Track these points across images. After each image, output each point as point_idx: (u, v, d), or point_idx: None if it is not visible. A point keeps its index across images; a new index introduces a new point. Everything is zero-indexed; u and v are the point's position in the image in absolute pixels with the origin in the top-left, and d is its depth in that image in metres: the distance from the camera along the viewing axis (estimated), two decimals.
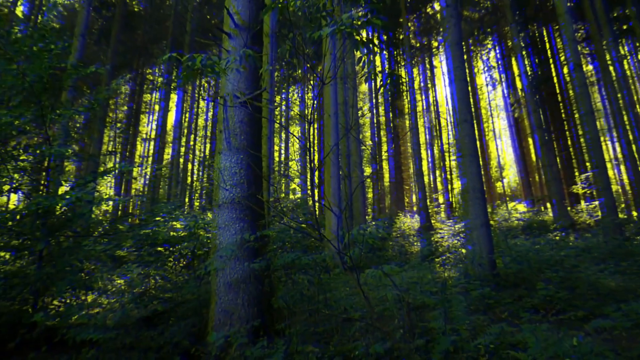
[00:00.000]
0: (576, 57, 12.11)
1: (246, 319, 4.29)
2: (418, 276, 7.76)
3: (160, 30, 27.53)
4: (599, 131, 11.91)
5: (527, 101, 17.66)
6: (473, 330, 4.37)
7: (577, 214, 17.94)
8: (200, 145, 34.66)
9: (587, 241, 10.38)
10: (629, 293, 6.10)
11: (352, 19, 3.13)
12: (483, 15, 29.89)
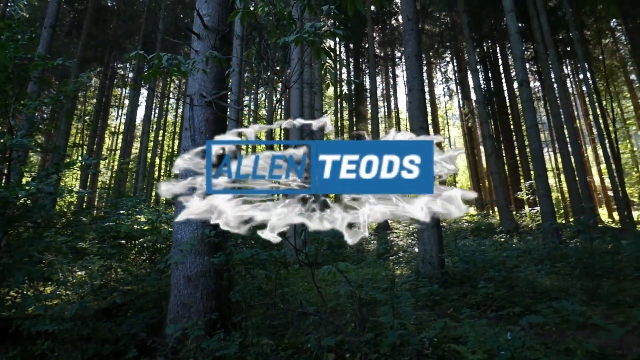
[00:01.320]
0: (523, 74, 12.84)
1: (204, 312, 4.41)
2: (372, 273, 8.08)
3: (133, 26, 27.04)
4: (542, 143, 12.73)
5: (479, 113, 18.50)
6: (419, 325, 4.66)
7: (521, 218, 18.95)
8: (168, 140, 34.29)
9: (528, 244, 11.03)
10: (561, 292, 6.61)
11: (314, 29, 3.31)
12: (442, 31, 31.19)
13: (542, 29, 17.62)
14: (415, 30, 8.81)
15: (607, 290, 6.66)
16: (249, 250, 4.67)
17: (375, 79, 21.10)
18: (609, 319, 5.16)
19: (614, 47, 30.59)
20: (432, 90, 37.46)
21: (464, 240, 12.35)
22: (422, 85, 8.58)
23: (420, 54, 8.79)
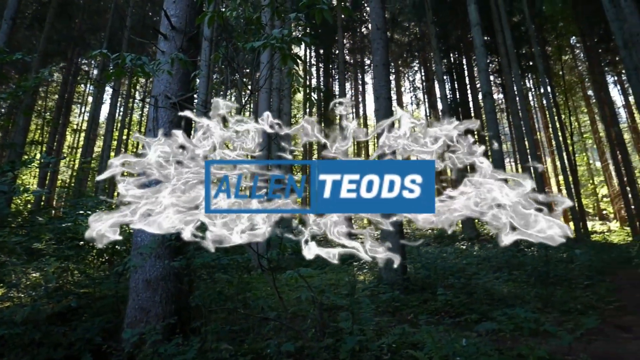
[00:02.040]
0: (487, 86, 13.24)
1: (163, 317, 4.33)
2: (336, 279, 8.12)
3: (99, 21, 26.23)
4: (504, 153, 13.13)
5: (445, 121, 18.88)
6: (379, 331, 4.72)
7: (483, 226, 19.41)
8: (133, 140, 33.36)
9: (487, 251, 11.32)
10: (517, 299, 6.83)
11: (282, 35, 3.33)
12: (411, 40, 31.82)
13: (506, 43, 18.19)
14: (384, 39, 8.95)
15: (559, 298, 6.92)
16: (210, 254, 4.62)
17: (344, 85, 21.29)
18: (560, 326, 5.37)
19: (573, 64, 31.90)
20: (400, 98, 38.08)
21: (427, 247, 12.56)
22: (390, 94, 8.71)
23: (388, 63, 8.93)
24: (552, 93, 25.67)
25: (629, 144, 34.02)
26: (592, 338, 5.31)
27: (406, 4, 28.34)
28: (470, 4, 14.12)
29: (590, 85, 28.83)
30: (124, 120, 29.18)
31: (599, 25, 22.65)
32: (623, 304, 7.16)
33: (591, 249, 13.12)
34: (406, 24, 30.70)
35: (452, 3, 24.92)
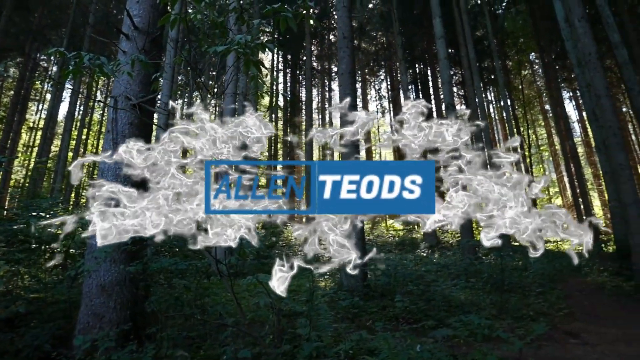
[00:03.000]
0: (450, 97, 13.58)
1: (117, 323, 4.22)
2: (297, 285, 8.10)
3: (60, 16, 25.21)
4: None
5: None
6: (337, 337, 4.75)
7: (443, 234, 19.86)
8: (93, 140, 32.22)
9: (447, 259, 11.57)
10: (473, 306, 7.01)
11: (245, 41, 3.33)
12: (378, 50, 32.31)
13: (469, 56, 18.73)
14: (350, 48, 9.05)
15: (513, 305, 7.15)
16: (167, 259, 4.53)
17: (311, 91, 21.37)
18: (512, 332, 5.55)
19: (532, 79, 33.16)
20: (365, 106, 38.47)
21: (389, 254, 12.72)
22: (355, 102, 8.81)
23: (354, 71, 9.04)
24: (512, 106, 26.61)
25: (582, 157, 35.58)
26: (543, 344, 5.51)
27: (374, 14, 28.81)
28: (435, 17, 14.47)
29: (547, 100, 30.02)
30: (83, 119, 28.24)
31: (556, 43, 23.64)
32: (572, 311, 7.47)
33: (545, 257, 13.60)
34: (373, 33, 31.19)
35: (418, 15, 25.50)
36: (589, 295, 8.99)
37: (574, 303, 8.22)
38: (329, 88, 34.61)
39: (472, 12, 25.17)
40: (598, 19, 14.94)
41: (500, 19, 27.46)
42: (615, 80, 25.28)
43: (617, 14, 19.23)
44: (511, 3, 27.46)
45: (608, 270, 10.85)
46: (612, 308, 7.93)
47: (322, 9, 28.28)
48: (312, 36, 28.18)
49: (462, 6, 19.01)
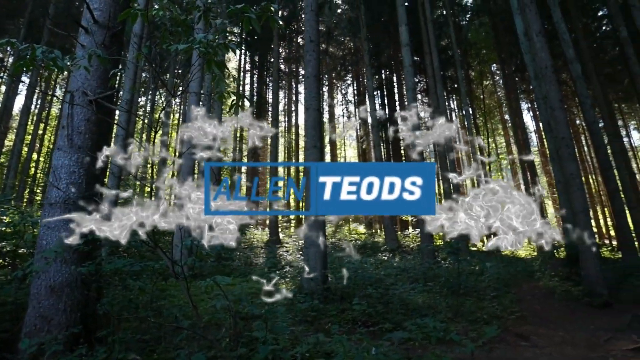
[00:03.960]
0: (414, 104, 13.82)
1: (66, 325, 4.07)
2: (257, 287, 8.04)
3: (18, 6, 24.08)
4: None
5: (373, 136, 19.48)
6: (295, 340, 4.75)
7: (405, 238, 20.19)
8: (50, 135, 30.87)
9: (407, 263, 11.76)
10: (430, 309, 7.15)
11: (207, 40, 3.29)
12: (345, 55, 32.59)
13: (433, 65, 19.15)
14: (317, 52, 9.10)
15: (469, 308, 7.34)
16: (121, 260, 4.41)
17: (277, 93, 21.32)
18: (466, 335, 5.70)
19: (493, 89, 34.23)
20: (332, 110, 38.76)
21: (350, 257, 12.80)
22: (319, 106, 8.86)
23: (319, 75, 9.09)
24: (473, 115, 27.40)
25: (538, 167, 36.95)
26: (495, 346, 5.69)
27: (342, 19, 29.05)
28: (401, 25, 14.73)
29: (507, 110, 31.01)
30: (40, 113, 27.16)
31: (516, 56, 24.52)
32: (524, 314, 7.74)
33: (500, 262, 14.04)
34: (341, 38, 31.45)
35: (386, 22, 25.88)
36: (540, 299, 9.34)
37: (526, 307, 8.52)
38: (296, 90, 34.63)
39: (437, 21, 25.77)
40: (555, 34, 15.61)
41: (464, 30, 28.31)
42: (570, 94, 26.43)
43: (572, 31, 20.13)
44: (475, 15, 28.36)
45: (559, 275, 11.30)
46: (561, 312, 8.26)
47: (290, 11, 28.29)
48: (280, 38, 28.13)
49: (428, 15, 19.43)
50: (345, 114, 37.82)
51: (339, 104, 39.44)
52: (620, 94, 26.17)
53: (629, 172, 20.90)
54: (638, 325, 6.78)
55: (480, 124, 28.66)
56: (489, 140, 28.92)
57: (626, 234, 13.93)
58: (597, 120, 15.31)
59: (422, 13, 20.59)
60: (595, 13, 23.92)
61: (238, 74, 29.90)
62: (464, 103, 21.23)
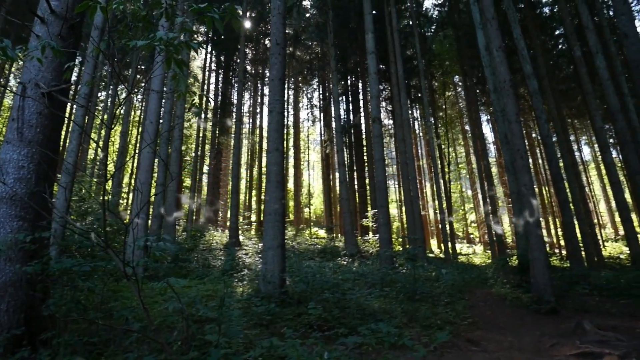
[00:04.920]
0: (377, 111, 14.03)
1: (7, 327, 3.89)
2: (213, 290, 7.93)
3: None
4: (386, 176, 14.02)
5: (337, 141, 19.62)
6: (249, 344, 4.70)
7: (364, 243, 20.39)
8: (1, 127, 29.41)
9: (365, 268, 11.87)
10: (386, 314, 7.24)
11: (166, 37, 3.24)
12: (312, 59, 32.74)
13: (397, 73, 19.48)
14: (282, 55, 9.09)
15: (423, 314, 7.47)
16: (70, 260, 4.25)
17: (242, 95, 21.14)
18: (418, 340, 5.81)
19: (454, 100, 35.18)
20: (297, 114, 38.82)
21: (310, 261, 12.82)
22: (283, 109, 8.85)
23: (284, 78, 9.07)
24: (435, 124, 28.02)
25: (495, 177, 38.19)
26: (446, 351, 5.81)
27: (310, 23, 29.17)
28: (368, 33, 14.93)
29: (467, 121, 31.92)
30: None
31: (478, 69, 25.30)
32: (476, 320, 7.96)
33: (456, 269, 14.41)
34: (309, 42, 31.56)
35: (353, 29, 26.18)
36: (492, 305, 9.61)
37: (478, 313, 8.75)
38: (261, 92, 34.49)
39: (403, 31, 26.29)
40: (515, 50, 16.20)
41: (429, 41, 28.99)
42: (527, 108, 27.46)
43: (531, 47, 20.96)
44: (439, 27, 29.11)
45: (510, 283, 11.67)
46: (511, 318, 8.53)
47: (259, 12, 28.20)
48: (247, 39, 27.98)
49: (394, 25, 19.77)
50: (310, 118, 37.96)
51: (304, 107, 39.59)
52: (574, 110, 27.40)
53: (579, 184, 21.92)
54: (581, 331, 7.08)
55: (442, 134, 29.33)
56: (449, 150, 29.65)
57: (574, 244, 14.56)
58: (551, 134, 15.96)
59: (389, 22, 20.94)
60: (553, 32, 25.01)
61: (203, 73, 29.49)
62: (427, 112, 21.71)
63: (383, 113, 31.07)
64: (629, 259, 19.26)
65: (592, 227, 20.37)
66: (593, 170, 44.48)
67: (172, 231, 14.95)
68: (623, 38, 8.77)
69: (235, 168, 19.09)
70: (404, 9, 26.57)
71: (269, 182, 8.28)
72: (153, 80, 11.56)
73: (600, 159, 27.82)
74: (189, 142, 31.06)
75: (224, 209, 34.98)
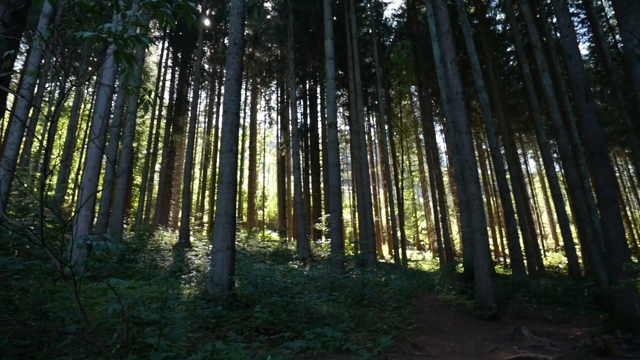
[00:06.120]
0: (333, 117, 14.14)
1: None
2: (160, 291, 7.69)
3: None
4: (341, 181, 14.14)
5: (293, 144, 19.59)
6: (192, 347, 4.59)
7: (317, 247, 20.45)
8: None
9: (316, 272, 11.88)
10: (333, 318, 7.27)
11: (115, 30, 3.12)
12: (272, 61, 32.62)
13: (355, 80, 19.71)
14: (240, 55, 9.00)
15: (370, 318, 7.56)
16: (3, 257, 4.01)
17: (198, 93, 20.74)
18: (363, 344, 5.88)
19: (410, 109, 35.99)
20: (254, 115, 38.52)
21: (261, 264, 12.71)
22: (238, 109, 8.75)
23: (241, 79, 8.98)
24: (390, 132, 28.54)
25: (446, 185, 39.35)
26: (391, 355, 5.90)
27: (271, 25, 29.07)
28: (327, 38, 15.03)
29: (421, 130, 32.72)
30: None
31: (433, 80, 26.02)
32: (421, 325, 8.13)
33: (405, 274, 14.69)
34: (269, 44, 31.43)
35: (313, 34, 26.30)
36: (437, 311, 9.86)
37: (424, 318, 8.95)
38: (218, 92, 33.97)
39: (362, 39, 26.66)
40: (469, 64, 16.77)
41: (388, 50, 29.54)
42: (478, 120, 28.47)
43: (484, 62, 21.76)
44: (398, 37, 29.74)
45: (456, 289, 12.03)
46: (455, 323, 8.78)
47: (219, 11, 27.83)
48: (206, 37, 27.53)
49: (353, 32, 20.01)
50: (267, 120, 37.78)
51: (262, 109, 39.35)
52: (521, 125, 28.65)
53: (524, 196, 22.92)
54: (519, 336, 7.39)
55: (397, 142, 29.94)
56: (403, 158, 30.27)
57: (517, 253, 15.20)
58: (499, 147, 16.63)
59: (349, 29, 21.17)
60: (505, 49, 26.10)
61: (159, 69, 28.72)
62: (383, 120, 22.06)
63: (340, 119, 31.36)
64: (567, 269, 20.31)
65: (534, 237, 21.35)
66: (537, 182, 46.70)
67: (119, 230, 14.44)
68: (567, 59, 9.25)
69: (188, 167, 18.67)
70: (364, 17, 26.95)
71: (221, 183, 8.16)
72: (104, 74, 11.13)
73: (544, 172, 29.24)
74: (141, 139, 30.19)
75: (175, 209, 34.18)
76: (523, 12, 16.47)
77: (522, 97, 25.41)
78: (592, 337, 6.02)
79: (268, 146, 47.79)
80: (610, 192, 8.10)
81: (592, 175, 17.90)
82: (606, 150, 8.38)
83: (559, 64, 18.83)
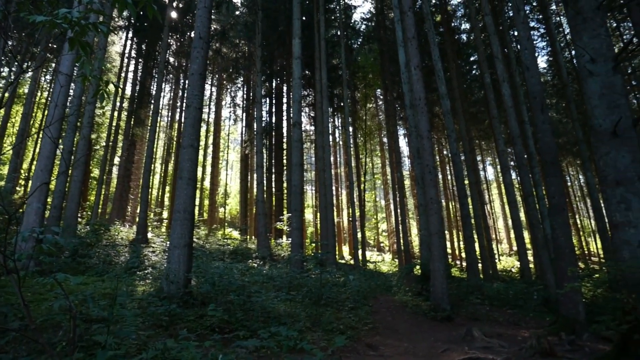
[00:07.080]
0: (298, 116, 14.12)
1: None
2: (113, 288, 7.48)
3: None
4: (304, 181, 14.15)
5: (257, 142, 19.46)
6: (142, 345, 4.49)
7: (277, 246, 20.38)
8: None
9: (275, 271, 11.85)
10: (290, 317, 7.27)
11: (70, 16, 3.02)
12: (239, 57, 32.24)
13: (322, 81, 19.76)
14: (205, 49, 8.87)
15: (327, 318, 7.60)
16: None
17: (161, 86, 20.28)
18: (317, 344, 5.91)
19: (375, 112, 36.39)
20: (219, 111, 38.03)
21: (220, 262, 12.55)
22: (201, 105, 8.62)
23: (205, 74, 8.86)
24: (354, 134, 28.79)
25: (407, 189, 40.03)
26: (345, 355, 5.96)
27: (239, 21, 28.76)
28: (295, 37, 15.01)
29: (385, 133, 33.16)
30: None
31: (398, 85, 26.42)
32: (377, 326, 8.25)
33: (363, 275, 14.85)
34: (236, 40, 31.07)
35: (281, 32, 26.20)
36: (393, 312, 10.02)
37: (380, 318, 9.08)
38: (183, 86, 33.34)
39: (330, 41, 26.75)
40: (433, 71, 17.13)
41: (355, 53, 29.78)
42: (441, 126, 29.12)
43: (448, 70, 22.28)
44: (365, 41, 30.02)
45: (412, 291, 12.26)
46: (410, 324, 8.95)
47: (186, 3, 27.32)
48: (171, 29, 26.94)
49: (322, 33, 20.06)
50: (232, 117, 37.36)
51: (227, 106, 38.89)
52: (481, 132, 29.49)
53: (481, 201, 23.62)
54: (471, 337, 7.61)
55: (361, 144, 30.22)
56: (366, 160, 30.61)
57: (473, 257, 15.63)
58: (459, 153, 17.06)
59: (317, 30, 21.21)
60: (468, 57, 26.80)
61: (122, 60, 27.88)
62: (347, 122, 22.23)
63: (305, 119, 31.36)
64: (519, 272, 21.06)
65: (489, 242, 22.02)
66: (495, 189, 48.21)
67: (73, 224, 13.93)
68: (526, 70, 9.60)
69: (148, 161, 18.22)
70: (334, 19, 27.06)
71: (180, 179, 8.02)
72: (62, 61, 10.72)
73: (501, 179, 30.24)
74: (101, 131, 29.24)
75: (134, 204, 33.31)
76: (486, 24, 16.94)
77: (483, 106, 26.14)
78: (538, 339, 6.27)
79: (232, 143, 47.32)
80: (560, 201, 8.47)
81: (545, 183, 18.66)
82: (558, 160, 8.76)
83: (518, 75, 19.52)
